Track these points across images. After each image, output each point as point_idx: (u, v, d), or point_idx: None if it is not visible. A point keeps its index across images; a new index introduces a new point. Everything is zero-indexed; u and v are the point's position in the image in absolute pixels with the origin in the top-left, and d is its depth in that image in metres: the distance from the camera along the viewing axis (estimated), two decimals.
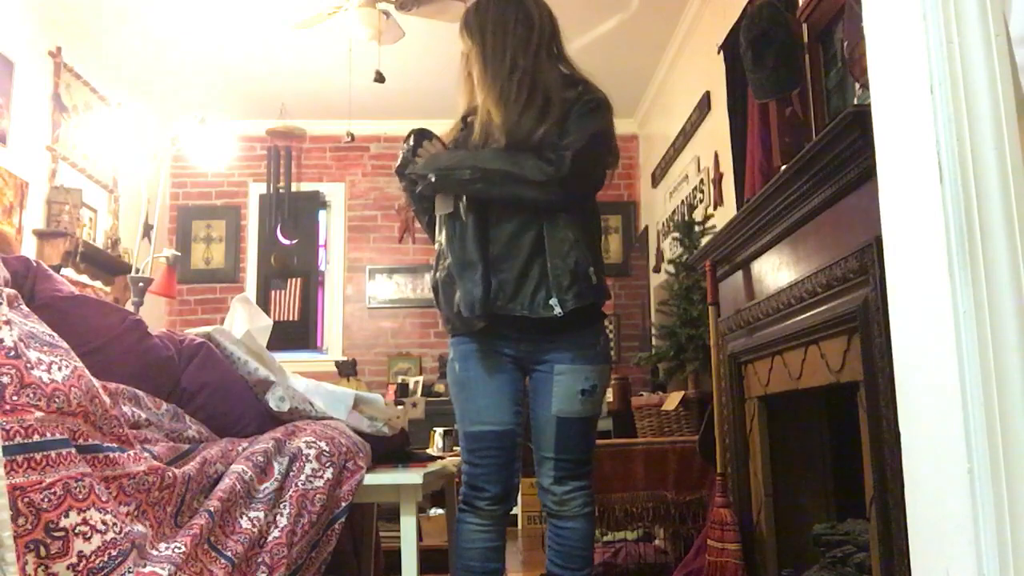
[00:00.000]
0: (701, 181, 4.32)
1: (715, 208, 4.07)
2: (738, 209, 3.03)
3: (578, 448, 1.97)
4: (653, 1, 4.39)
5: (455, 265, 1.94)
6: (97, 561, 1.26)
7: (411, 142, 2.06)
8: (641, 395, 3.83)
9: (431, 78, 5.13)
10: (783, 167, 1.98)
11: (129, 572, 1.29)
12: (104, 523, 1.29)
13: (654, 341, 3.93)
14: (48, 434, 1.27)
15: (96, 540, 1.26)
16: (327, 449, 1.87)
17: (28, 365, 1.31)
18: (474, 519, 1.97)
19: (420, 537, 2.11)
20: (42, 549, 1.21)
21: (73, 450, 1.31)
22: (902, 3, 1.21)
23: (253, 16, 4.53)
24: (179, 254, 4.86)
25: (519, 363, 2.00)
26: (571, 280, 1.89)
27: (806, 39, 2.95)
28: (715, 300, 2.68)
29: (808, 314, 1.93)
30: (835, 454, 2.31)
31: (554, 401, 1.94)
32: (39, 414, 1.27)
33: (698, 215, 4.18)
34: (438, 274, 2.02)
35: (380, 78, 4.26)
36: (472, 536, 1.97)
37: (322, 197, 6.18)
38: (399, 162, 2.09)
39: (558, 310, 1.88)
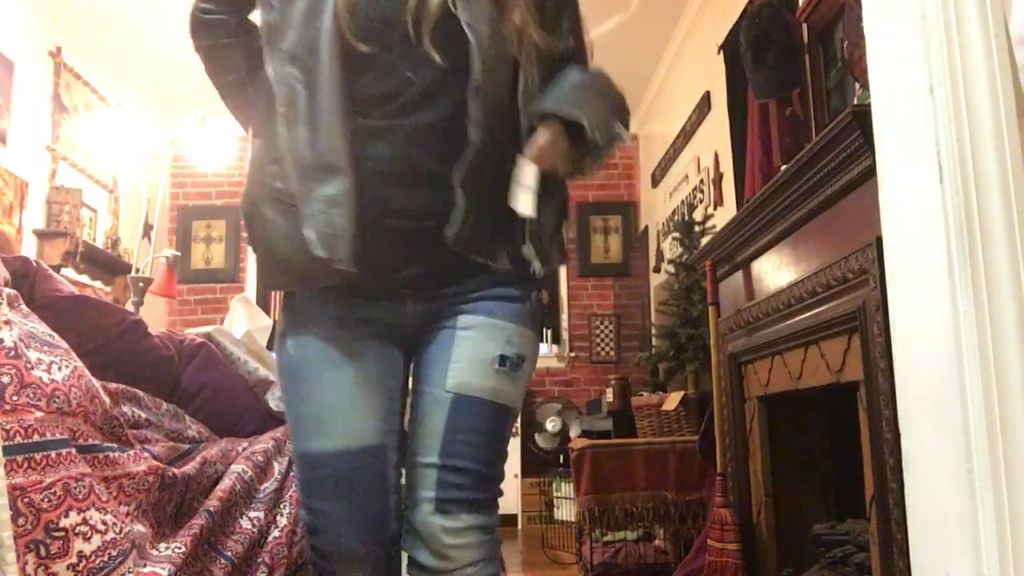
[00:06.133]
0: (701, 181, 4.32)
1: (715, 208, 4.06)
2: (738, 209, 3.03)
3: (481, 452, 1.15)
4: (653, 1, 4.39)
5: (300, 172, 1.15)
6: (97, 561, 1.26)
7: None
8: (641, 395, 3.82)
9: None
10: (783, 167, 1.98)
11: (129, 572, 1.29)
12: (104, 523, 1.29)
13: (654, 341, 3.93)
14: (48, 434, 1.27)
15: (96, 540, 1.26)
16: None
17: (28, 365, 1.31)
18: None
19: None
20: (42, 549, 1.21)
21: (73, 450, 1.31)
22: (902, 3, 1.21)
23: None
24: (179, 254, 4.85)
25: (401, 334, 1.25)
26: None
27: (806, 39, 2.95)
28: (715, 300, 2.68)
29: (808, 314, 1.93)
30: (835, 454, 2.31)
31: (451, 371, 1.17)
32: (39, 414, 1.27)
33: (698, 215, 4.17)
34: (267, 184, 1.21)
35: None
36: None
37: None
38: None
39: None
